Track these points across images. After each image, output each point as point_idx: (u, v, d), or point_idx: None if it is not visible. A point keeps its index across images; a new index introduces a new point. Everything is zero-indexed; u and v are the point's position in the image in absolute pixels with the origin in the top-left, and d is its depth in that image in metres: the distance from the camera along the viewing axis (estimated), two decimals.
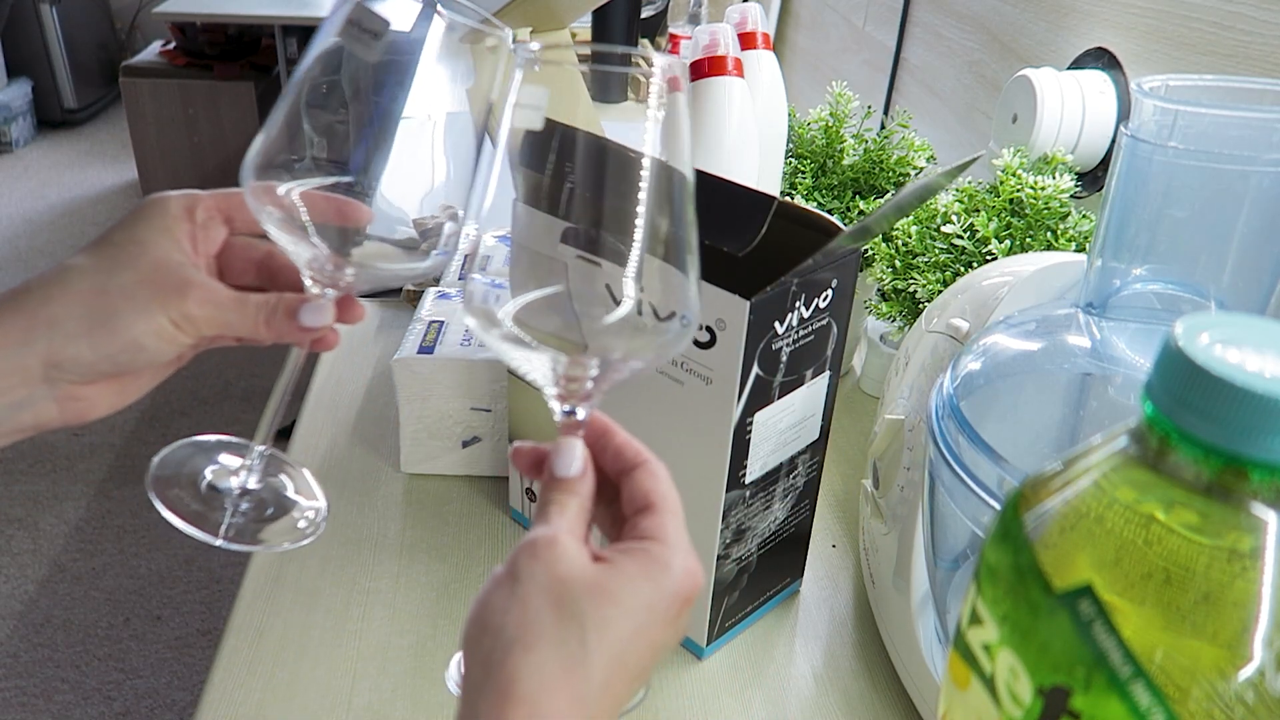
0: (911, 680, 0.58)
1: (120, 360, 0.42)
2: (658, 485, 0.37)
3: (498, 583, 0.34)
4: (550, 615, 0.32)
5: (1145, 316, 0.49)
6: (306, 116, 0.41)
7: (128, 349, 0.42)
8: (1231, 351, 0.27)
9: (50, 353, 0.41)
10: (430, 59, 0.41)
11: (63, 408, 0.43)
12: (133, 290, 0.42)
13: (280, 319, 0.44)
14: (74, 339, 0.41)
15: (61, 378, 0.42)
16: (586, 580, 0.33)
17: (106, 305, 0.41)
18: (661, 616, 0.34)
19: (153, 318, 0.42)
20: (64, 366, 0.41)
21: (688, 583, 0.35)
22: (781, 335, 0.52)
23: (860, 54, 1.49)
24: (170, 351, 0.43)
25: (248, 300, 0.43)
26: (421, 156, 0.43)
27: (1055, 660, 0.29)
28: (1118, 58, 0.84)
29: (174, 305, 0.42)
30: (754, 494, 0.57)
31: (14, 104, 3.80)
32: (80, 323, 0.41)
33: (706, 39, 0.75)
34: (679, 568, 0.35)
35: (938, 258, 0.76)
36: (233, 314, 0.43)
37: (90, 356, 0.41)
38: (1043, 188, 0.73)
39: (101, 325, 0.41)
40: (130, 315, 0.41)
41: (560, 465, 0.37)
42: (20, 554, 1.96)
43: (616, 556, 0.35)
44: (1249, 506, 0.27)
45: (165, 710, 1.65)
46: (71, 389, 0.42)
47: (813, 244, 0.50)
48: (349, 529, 0.70)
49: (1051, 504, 0.31)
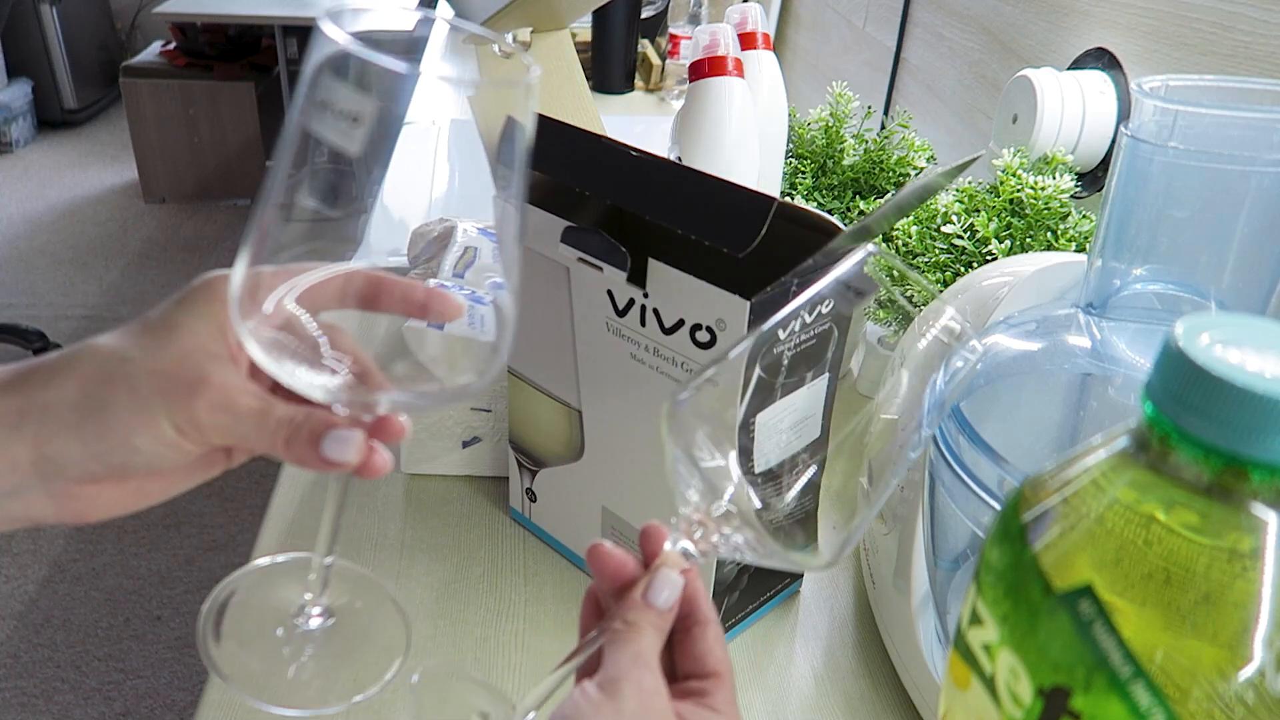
0: (912, 680, 0.58)
1: (112, 462, 0.36)
2: (724, 653, 0.37)
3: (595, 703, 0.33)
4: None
5: (1145, 317, 0.49)
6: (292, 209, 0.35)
7: (119, 451, 0.35)
8: (1232, 352, 0.27)
9: (39, 442, 0.35)
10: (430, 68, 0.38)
11: (58, 505, 0.37)
12: (137, 381, 0.35)
13: (302, 444, 0.36)
14: (62, 431, 0.35)
15: (54, 473, 0.36)
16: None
17: (103, 396, 0.35)
18: None
19: (152, 419, 0.35)
20: (54, 461, 0.35)
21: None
22: (783, 337, 0.52)
23: (860, 54, 1.49)
24: (174, 459, 0.36)
25: (270, 414, 0.36)
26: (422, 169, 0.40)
27: (1055, 660, 0.29)
28: (1118, 58, 0.84)
29: (179, 407, 0.35)
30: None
31: (14, 104, 3.80)
32: (72, 413, 0.35)
33: (707, 39, 0.75)
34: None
35: (938, 258, 0.76)
36: (249, 427, 0.36)
37: (79, 453, 0.35)
38: (1043, 188, 0.73)
39: (92, 419, 0.35)
40: (125, 412, 0.35)
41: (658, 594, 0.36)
42: (20, 554, 1.96)
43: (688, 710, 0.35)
44: (1249, 507, 0.27)
45: (165, 710, 1.65)
46: (67, 486, 0.36)
47: (813, 244, 0.50)
48: (349, 529, 0.70)
49: (1052, 504, 0.31)
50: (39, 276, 2.96)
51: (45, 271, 3.00)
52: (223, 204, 3.52)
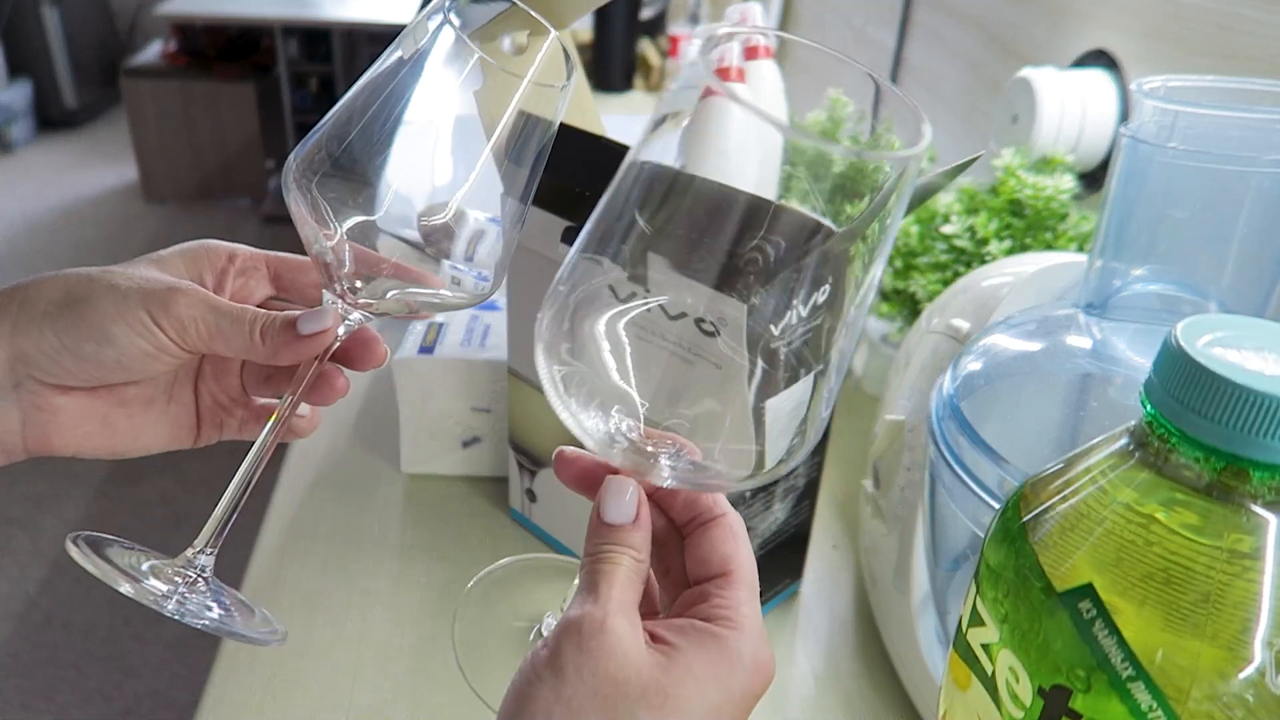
0: (912, 681, 0.58)
1: (85, 352, 0.37)
2: (735, 548, 0.33)
3: (538, 672, 0.29)
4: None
5: (1146, 317, 0.49)
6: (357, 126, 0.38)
7: (94, 338, 0.37)
8: (1232, 352, 0.27)
9: (15, 334, 0.37)
10: (439, 60, 0.38)
11: (26, 417, 0.38)
12: (118, 281, 0.37)
13: (277, 330, 0.38)
14: (38, 321, 0.37)
15: (25, 373, 0.37)
16: (643, 680, 0.28)
17: (83, 292, 0.37)
18: (729, 718, 0.29)
19: (129, 308, 0.37)
20: (27, 357, 0.37)
21: (759, 680, 0.30)
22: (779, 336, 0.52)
23: (861, 54, 1.49)
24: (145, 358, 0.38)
25: (244, 308, 0.39)
26: (430, 157, 0.40)
27: (1056, 661, 0.29)
28: (1118, 58, 0.84)
29: (157, 301, 0.37)
30: (754, 494, 0.57)
31: (14, 104, 3.80)
32: (51, 306, 0.37)
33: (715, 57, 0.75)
34: (750, 662, 0.30)
35: (938, 258, 0.76)
36: (225, 320, 0.38)
37: (52, 344, 0.37)
38: (1043, 188, 0.73)
39: (69, 310, 0.37)
40: (105, 303, 0.37)
41: (609, 509, 0.32)
42: (20, 554, 1.96)
43: (679, 641, 0.30)
44: (1249, 507, 0.27)
45: (166, 710, 1.65)
46: (39, 390, 0.38)
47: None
48: (349, 530, 0.70)
49: (1052, 504, 0.31)
50: None
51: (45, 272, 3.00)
52: (223, 204, 3.52)
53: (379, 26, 3.14)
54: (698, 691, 0.29)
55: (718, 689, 0.29)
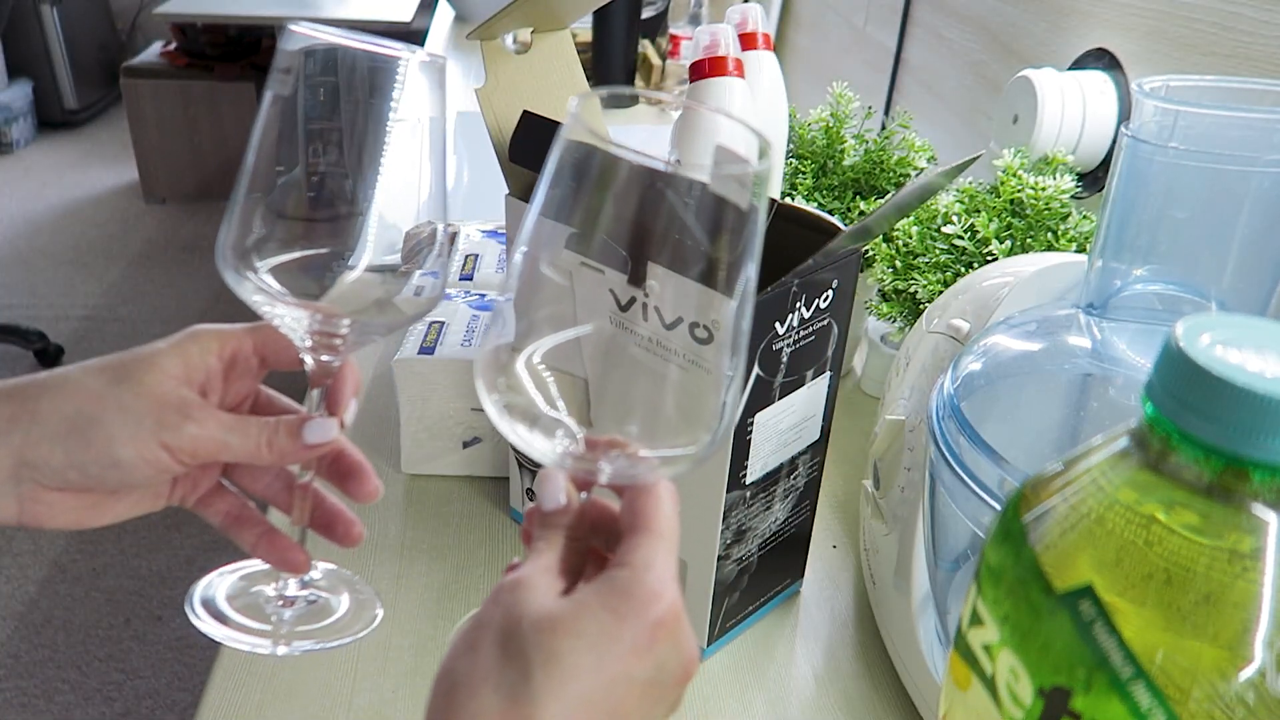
0: (912, 681, 0.58)
1: (91, 473, 0.39)
2: (650, 505, 0.34)
3: (462, 630, 0.32)
4: (494, 656, 0.30)
5: (1146, 317, 0.49)
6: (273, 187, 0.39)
7: (100, 462, 0.39)
8: (1232, 352, 0.27)
9: (25, 447, 0.38)
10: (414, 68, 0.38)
11: (22, 507, 0.40)
12: (128, 402, 0.39)
13: (283, 438, 0.41)
14: (48, 439, 0.38)
15: (29, 477, 0.39)
16: (539, 616, 0.30)
17: (94, 412, 0.38)
18: (629, 646, 0.30)
19: (141, 436, 0.38)
20: (34, 466, 0.38)
21: (656, 607, 0.31)
22: (782, 336, 0.52)
23: (860, 54, 1.49)
24: (149, 475, 0.40)
25: (249, 421, 0.41)
26: (412, 167, 0.40)
27: (1056, 661, 0.29)
28: (1118, 58, 0.84)
29: (170, 426, 0.39)
30: (755, 495, 0.57)
31: (14, 104, 3.80)
32: (63, 424, 0.38)
33: (707, 39, 0.75)
34: (644, 592, 0.31)
35: (938, 258, 0.76)
36: (234, 436, 0.40)
37: (60, 462, 0.38)
38: (1043, 188, 0.73)
39: (79, 432, 0.38)
40: (115, 426, 0.38)
41: (543, 497, 0.35)
42: (21, 554, 1.96)
43: (583, 589, 0.32)
44: (1250, 507, 0.27)
45: (166, 711, 1.65)
46: (37, 489, 0.39)
47: (813, 244, 0.50)
48: None
49: (1052, 505, 0.31)
50: (39, 277, 2.96)
51: (46, 272, 2.99)
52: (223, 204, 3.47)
53: (379, 26, 3.14)
54: (589, 619, 0.30)
55: (609, 617, 0.30)
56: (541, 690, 0.29)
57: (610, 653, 0.30)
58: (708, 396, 0.34)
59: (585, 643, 0.30)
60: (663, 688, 0.32)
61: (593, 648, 0.30)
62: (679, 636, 0.32)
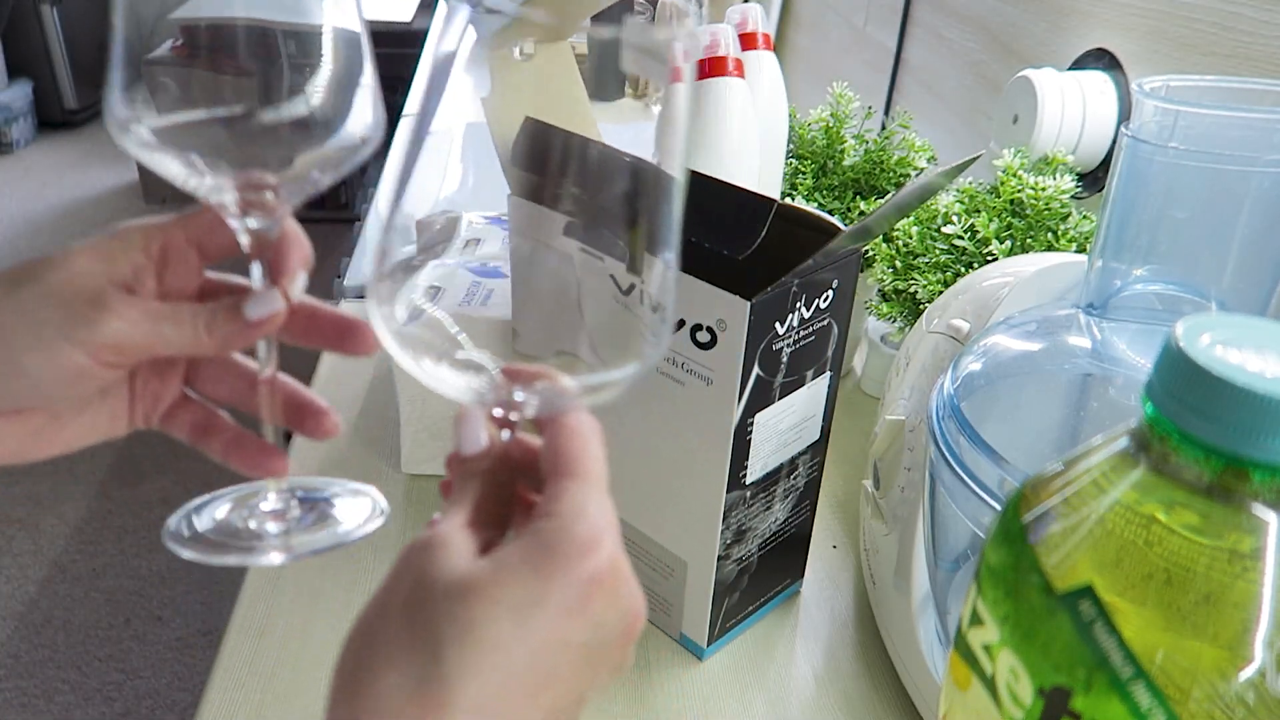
0: (912, 681, 0.58)
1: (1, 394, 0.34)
2: (576, 445, 0.30)
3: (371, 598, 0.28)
4: (402, 631, 0.26)
5: (1146, 317, 0.49)
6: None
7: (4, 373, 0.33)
8: (1232, 352, 0.27)
9: None
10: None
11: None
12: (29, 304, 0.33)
13: (223, 320, 0.36)
14: None
15: None
16: (451, 581, 0.27)
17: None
18: (557, 608, 0.27)
19: (46, 337, 0.33)
20: None
21: (588, 562, 0.27)
22: (782, 336, 0.52)
23: (860, 54, 1.49)
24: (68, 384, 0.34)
25: (181, 307, 0.35)
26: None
27: (1056, 661, 0.29)
28: (1118, 58, 0.84)
29: (82, 324, 0.33)
30: (755, 495, 0.57)
31: (14, 105, 3.80)
32: None
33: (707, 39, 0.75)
34: (572, 546, 0.27)
35: (938, 258, 0.76)
36: (167, 325, 0.35)
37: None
38: (1043, 188, 0.73)
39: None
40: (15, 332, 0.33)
41: (461, 439, 0.31)
42: (21, 554, 1.96)
43: (504, 547, 0.28)
44: (1250, 507, 0.27)
45: (166, 711, 1.65)
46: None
47: (813, 244, 0.50)
48: None
49: (1052, 505, 0.31)
50: None
51: None
52: None
53: (379, 26, 3.14)
54: (510, 581, 0.27)
55: (532, 576, 0.27)
56: (455, 668, 0.25)
57: (535, 618, 0.26)
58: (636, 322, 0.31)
59: (504, 609, 0.26)
60: (604, 648, 0.28)
61: (514, 613, 0.26)
62: (618, 591, 0.28)
